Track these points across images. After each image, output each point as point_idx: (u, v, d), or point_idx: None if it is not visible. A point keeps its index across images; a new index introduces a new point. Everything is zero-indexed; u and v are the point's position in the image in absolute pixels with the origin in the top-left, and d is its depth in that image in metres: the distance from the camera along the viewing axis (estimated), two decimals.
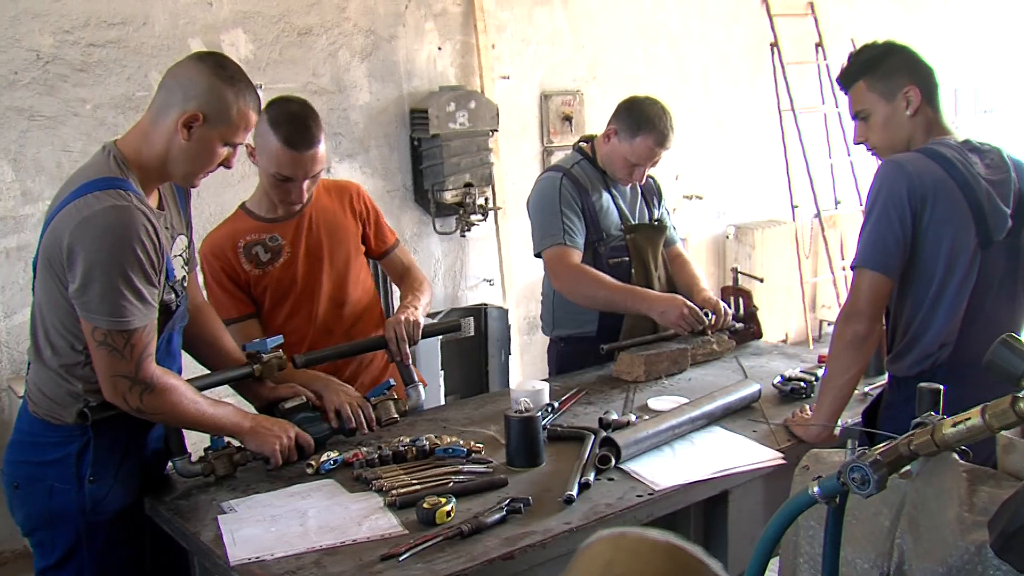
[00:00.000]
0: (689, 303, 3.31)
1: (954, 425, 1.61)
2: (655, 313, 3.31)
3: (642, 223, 3.58)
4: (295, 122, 2.73)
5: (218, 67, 2.27)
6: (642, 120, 3.34)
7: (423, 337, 2.96)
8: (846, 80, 2.62)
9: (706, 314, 3.37)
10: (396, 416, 2.80)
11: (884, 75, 2.54)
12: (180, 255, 2.46)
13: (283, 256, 2.92)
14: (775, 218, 7.17)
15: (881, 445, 1.65)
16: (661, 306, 3.30)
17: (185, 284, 2.49)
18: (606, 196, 3.50)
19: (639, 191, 3.63)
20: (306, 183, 2.80)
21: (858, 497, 1.64)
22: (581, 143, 3.63)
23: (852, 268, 2.51)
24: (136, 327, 2.20)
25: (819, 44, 7.13)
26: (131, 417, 2.30)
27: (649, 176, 3.60)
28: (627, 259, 3.49)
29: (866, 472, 1.58)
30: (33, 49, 4.23)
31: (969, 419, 1.59)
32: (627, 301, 3.34)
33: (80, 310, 2.19)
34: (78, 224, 2.14)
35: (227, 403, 2.50)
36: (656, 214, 3.67)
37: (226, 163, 2.35)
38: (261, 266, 2.90)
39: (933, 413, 1.74)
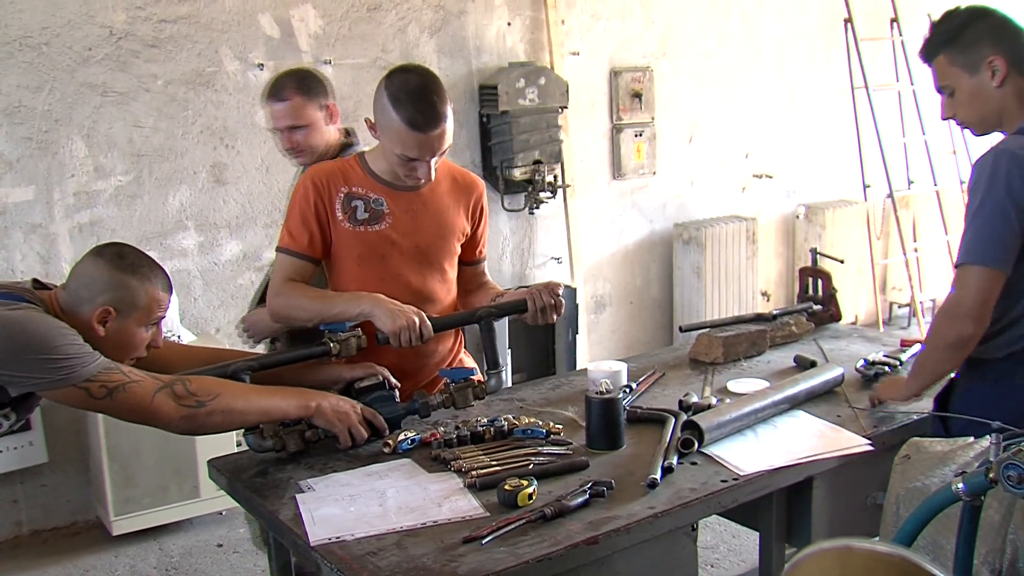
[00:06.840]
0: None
1: None
2: None
3: None
4: (418, 98, 2.52)
5: (117, 258, 2.26)
6: None
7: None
8: (928, 53, 2.49)
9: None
10: (473, 404, 2.71)
11: (966, 46, 2.40)
12: None
13: (381, 224, 2.70)
14: (846, 198, 7.02)
15: None
16: None
17: None
18: None
19: None
20: (433, 160, 2.63)
21: None
22: None
23: (956, 266, 2.35)
24: (102, 367, 2.15)
25: (894, 19, 6.94)
26: None
27: None
28: None
29: None
30: (106, 25, 4.26)
31: None
32: None
33: (54, 388, 2.13)
34: None
35: (280, 389, 2.45)
36: None
37: (154, 343, 2.34)
38: (354, 222, 2.68)
39: None
